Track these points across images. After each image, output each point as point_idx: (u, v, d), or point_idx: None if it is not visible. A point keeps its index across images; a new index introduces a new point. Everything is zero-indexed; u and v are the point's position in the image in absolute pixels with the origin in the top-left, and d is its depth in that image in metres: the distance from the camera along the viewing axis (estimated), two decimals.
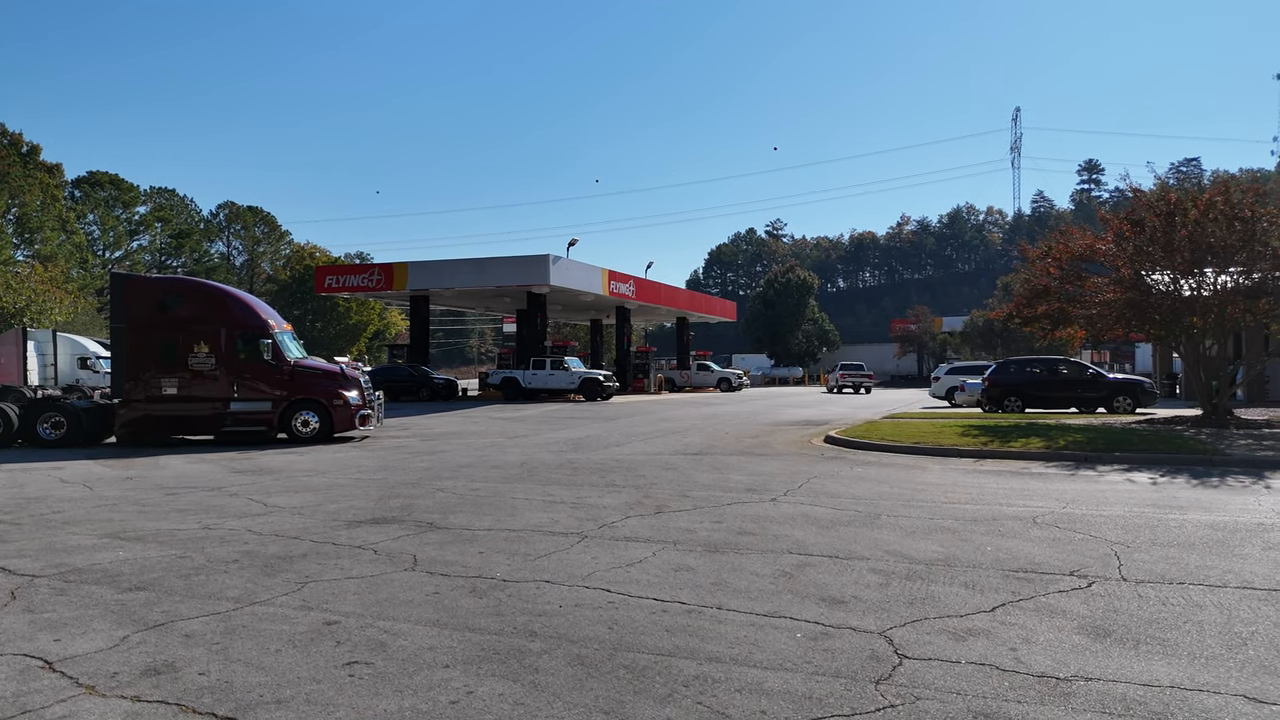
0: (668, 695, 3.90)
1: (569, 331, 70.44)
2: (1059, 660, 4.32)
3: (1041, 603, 5.38)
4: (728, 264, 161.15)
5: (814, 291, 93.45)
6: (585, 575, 6.12)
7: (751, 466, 12.83)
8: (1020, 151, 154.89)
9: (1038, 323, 21.21)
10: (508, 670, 4.23)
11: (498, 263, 39.21)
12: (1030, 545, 7.11)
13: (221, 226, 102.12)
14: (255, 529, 8.01)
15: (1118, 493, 10.13)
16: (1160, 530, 7.73)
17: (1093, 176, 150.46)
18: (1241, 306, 17.81)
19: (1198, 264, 18.02)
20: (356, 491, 10.42)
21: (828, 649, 4.52)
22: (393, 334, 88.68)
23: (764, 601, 5.43)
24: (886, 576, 6.07)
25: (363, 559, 6.72)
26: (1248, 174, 28.78)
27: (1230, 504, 9.24)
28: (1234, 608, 5.24)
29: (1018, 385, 25.47)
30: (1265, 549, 6.93)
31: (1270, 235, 17.36)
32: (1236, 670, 4.16)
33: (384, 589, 5.80)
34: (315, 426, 17.38)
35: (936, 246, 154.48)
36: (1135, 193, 19.93)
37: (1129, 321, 19.54)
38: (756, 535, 7.57)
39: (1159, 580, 5.92)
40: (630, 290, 44.38)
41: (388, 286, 40.19)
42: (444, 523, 8.26)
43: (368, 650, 4.55)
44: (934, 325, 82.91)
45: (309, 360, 18.58)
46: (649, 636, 4.74)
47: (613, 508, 9.06)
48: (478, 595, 5.62)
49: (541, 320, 40.62)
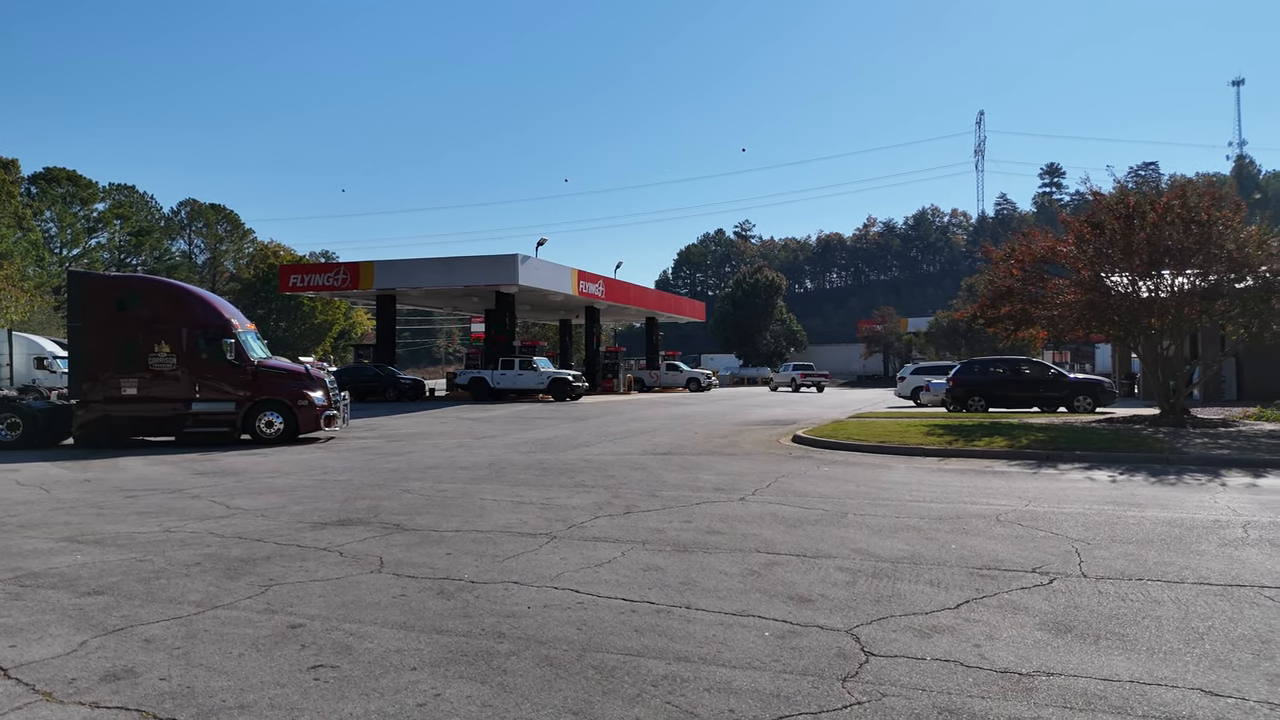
0: (636, 695, 3.90)
1: (538, 331, 70.21)
2: (1022, 656, 4.39)
3: (1005, 599, 5.46)
4: (697, 264, 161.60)
5: (782, 292, 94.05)
6: (554, 576, 6.11)
7: (720, 466, 12.87)
8: (984, 155, 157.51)
9: (1001, 323, 21.52)
10: (475, 672, 4.21)
11: (466, 262, 38.97)
12: (994, 543, 7.21)
13: (183, 224, 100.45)
14: (218, 531, 7.89)
15: (1078, 491, 10.31)
16: (1119, 527, 7.88)
17: (1054, 180, 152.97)
18: (1198, 308, 18.21)
19: (1155, 266, 18.40)
20: (322, 493, 10.29)
21: (795, 647, 4.55)
22: (359, 334, 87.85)
23: (732, 600, 5.46)
24: (853, 575, 6.13)
25: (328, 561, 6.64)
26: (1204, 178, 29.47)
27: (1187, 501, 9.44)
28: (1191, 603, 5.35)
29: (981, 385, 25.84)
30: (1221, 545, 7.09)
31: (1225, 238, 17.76)
32: (1193, 664, 4.26)
33: (350, 591, 5.74)
34: (280, 427, 17.15)
35: (902, 248, 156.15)
36: (1095, 196, 20.31)
37: (1089, 322, 19.90)
38: (725, 534, 7.60)
39: (1118, 577, 6.04)
40: (599, 290, 44.34)
41: (353, 286, 39.77)
42: (411, 524, 8.19)
43: (333, 653, 4.49)
44: (900, 326, 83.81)
45: (273, 360, 18.33)
46: (618, 637, 4.74)
47: (582, 508, 9.04)
48: (445, 597, 5.58)
49: (510, 320, 40.44)
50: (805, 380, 55.06)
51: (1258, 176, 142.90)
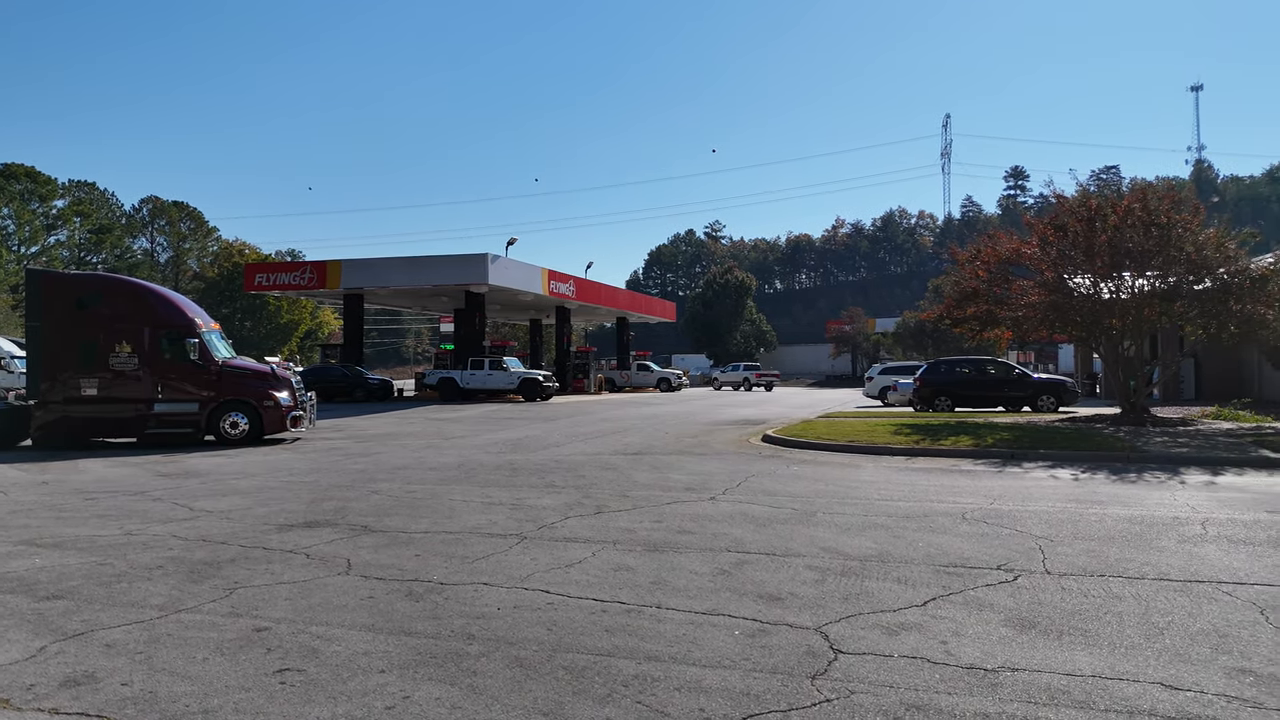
0: (607, 695, 3.90)
1: (508, 331, 69.94)
2: (987, 652, 4.45)
3: (970, 596, 5.53)
4: (667, 265, 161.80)
5: (752, 292, 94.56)
6: (524, 577, 6.09)
7: (691, 466, 12.91)
8: (950, 157, 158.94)
9: (967, 324, 21.80)
10: (445, 674, 4.18)
11: (435, 261, 38.69)
12: (960, 541, 7.30)
13: (145, 222, 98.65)
14: (180, 534, 7.76)
15: (1042, 489, 10.47)
16: (1082, 525, 8.02)
17: (1018, 183, 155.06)
18: (1157, 309, 18.58)
19: (1117, 268, 18.75)
20: (288, 494, 10.17)
21: (765, 646, 4.57)
22: (326, 333, 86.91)
23: (703, 600, 5.47)
24: (822, 573, 6.17)
25: (294, 563, 6.56)
26: (1164, 182, 30.12)
27: (1147, 499, 9.63)
28: (1151, 599, 5.46)
29: (948, 385, 26.16)
30: (1180, 542, 7.24)
31: (1184, 241, 18.14)
32: (1154, 659, 4.34)
33: (317, 594, 5.67)
34: (244, 428, 16.92)
35: (870, 249, 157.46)
36: (1058, 199, 20.65)
37: (1052, 323, 20.22)
38: (696, 534, 7.62)
39: (1081, 573, 6.14)
40: (570, 290, 44.24)
41: (320, 285, 39.32)
42: (379, 525, 8.12)
43: (300, 657, 4.44)
44: (868, 326, 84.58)
45: (238, 360, 18.08)
46: (588, 637, 4.73)
47: (552, 508, 9.02)
48: (414, 599, 5.54)
49: (480, 320, 40.21)
50: (759, 380, 57.43)
51: (1215, 180, 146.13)
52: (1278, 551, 6.82)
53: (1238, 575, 6.05)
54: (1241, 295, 17.66)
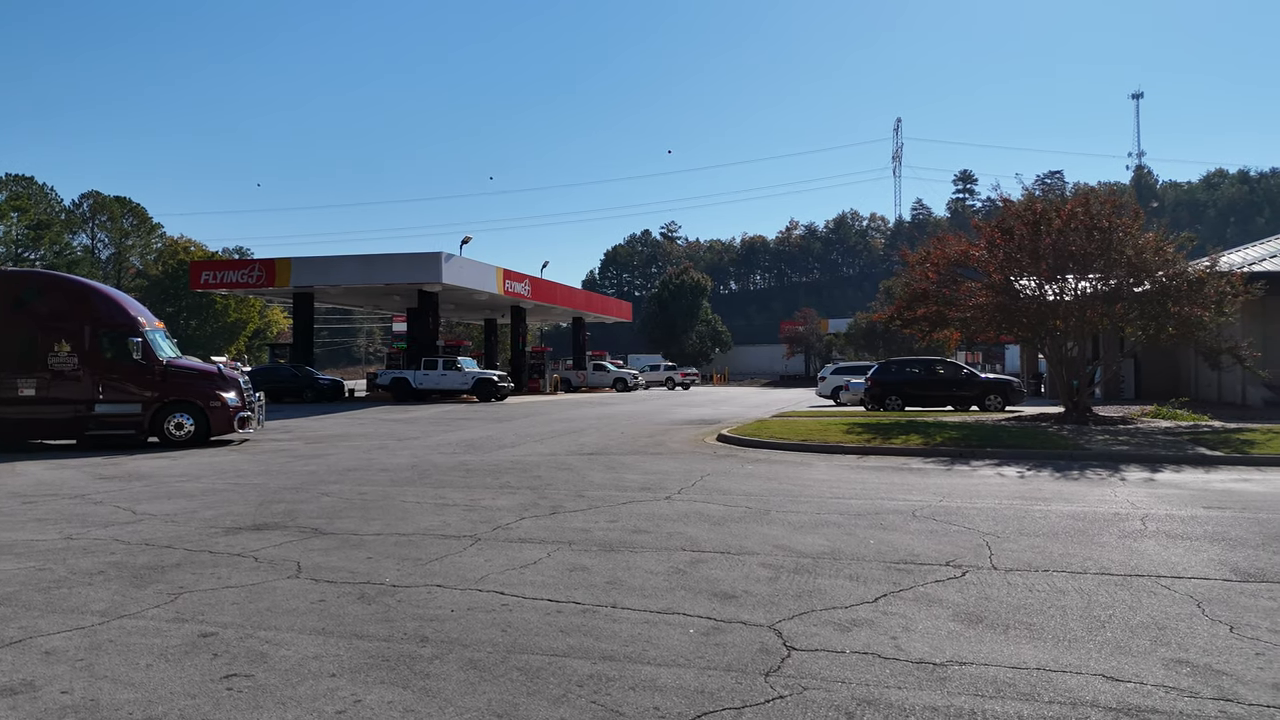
0: (561, 696, 3.89)
1: (463, 331, 69.31)
2: (936, 646, 4.54)
3: (920, 592, 5.63)
4: (624, 265, 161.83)
5: (707, 293, 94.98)
6: (479, 578, 6.04)
7: (646, 465, 12.93)
8: (901, 161, 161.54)
9: (917, 325, 22.17)
10: (397, 677, 4.14)
11: (387, 259, 38.19)
12: (910, 538, 7.42)
13: (85, 218, 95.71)
14: (123, 538, 7.56)
15: (989, 486, 10.70)
16: (1027, 521, 8.21)
17: (967, 186, 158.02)
18: (1099, 310, 19.10)
19: (1060, 270, 19.22)
20: (235, 497, 9.96)
21: (719, 643, 4.60)
22: (274, 333, 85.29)
23: (658, 599, 5.49)
24: (776, 571, 6.23)
25: (242, 567, 6.43)
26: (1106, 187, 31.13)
27: (1089, 495, 9.89)
28: (1093, 593, 5.61)
29: (898, 385, 26.58)
30: (1121, 537, 7.45)
31: (1125, 244, 18.67)
32: (1096, 651, 4.46)
33: (265, 598, 5.57)
34: (190, 429, 16.53)
35: (823, 251, 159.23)
36: (1005, 202, 21.11)
37: (999, 324, 20.66)
38: (651, 533, 7.64)
39: (1026, 568, 6.29)
40: (526, 290, 44.00)
41: (269, 283, 38.56)
42: (330, 528, 8.00)
43: (248, 662, 4.36)
44: (821, 327, 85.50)
45: (183, 360, 17.65)
46: (543, 638, 4.72)
47: (507, 509, 8.97)
48: (366, 601, 5.47)
49: (433, 319, 39.79)
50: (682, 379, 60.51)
51: (1155, 186, 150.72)
52: (1214, 546, 7.06)
53: (1175, 569, 6.25)
54: (1179, 297, 18.22)
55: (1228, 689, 3.92)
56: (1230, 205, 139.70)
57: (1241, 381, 24.09)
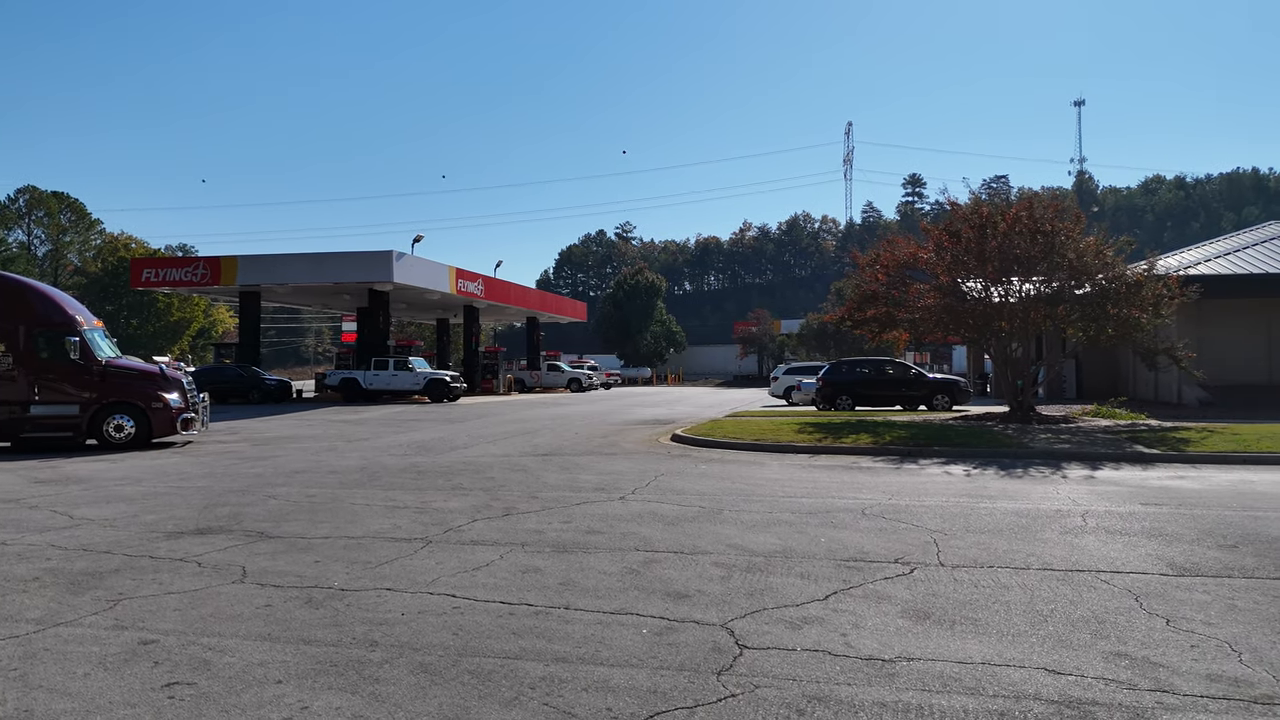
0: (514, 698, 3.87)
1: (414, 331, 68.50)
2: (885, 643, 4.60)
3: (870, 589, 5.71)
4: (578, 265, 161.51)
5: (662, 293, 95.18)
6: (429, 581, 5.98)
7: (601, 466, 12.91)
8: (852, 164, 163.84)
9: (867, 325, 22.49)
10: (346, 682, 4.07)
11: (337, 258, 37.59)
12: (860, 535, 7.53)
13: (20, 213, 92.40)
14: (59, 543, 7.32)
15: (936, 484, 10.89)
16: (973, 518, 8.38)
17: (916, 190, 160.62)
18: (1043, 312, 19.57)
19: (1006, 273, 19.64)
20: (178, 500, 9.71)
21: (672, 643, 4.61)
22: (220, 332, 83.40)
23: (611, 599, 5.49)
24: (728, 570, 6.27)
25: (184, 572, 6.27)
26: (1049, 191, 32.02)
27: (1033, 493, 10.13)
28: (1036, 588, 5.75)
29: (849, 385, 26.95)
30: (1062, 533, 7.64)
31: (1067, 248, 19.15)
32: (1038, 645, 4.57)
33: (209, 604, 5.44)
34: (131, 431, 16.07)
35: (776, 252, 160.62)
36: (953, 206, 21.51)
37: (947, 325, 21.05)
38: (605, 534, 7.63)
39: (972, 565, 6.42)
40: (479, 289, 43.65)
41: (214, 281, 37.69)
42: (276, 531, 7.84)
43: (190, 670, 4.25)
44: (773, 327, 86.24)
45: (124, 360, 17.16)
46: (495, 640, 4.68)
47: (459, 511, 8.88)
48: (313, 606, 5.37)
49: (384, 319, 39.26)
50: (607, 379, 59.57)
51: (1095, 191, 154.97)
52: (1151, 542, 7.28)
53: (1115, 564, 6.43)
54: (1118, 300, 18.75)
55: (1164, 680, 4.05)
56: (1167, 210, 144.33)
57: (1177, 381, 24.88)
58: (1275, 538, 7.35)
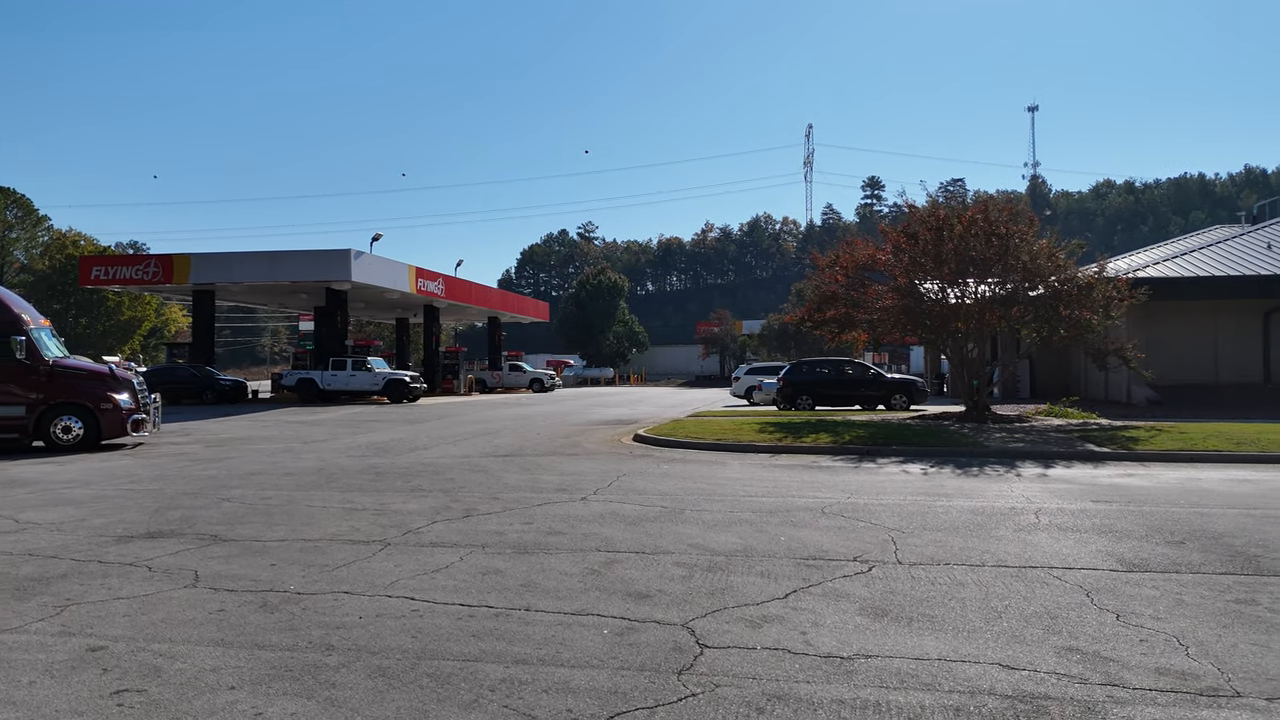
0: (473, 701, 3.84)
1: (373, 330, 67.70)
2: (843, 641, 4.65)
3: (829, 587, 5.76)
4: (540, 264, 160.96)
5: (624, 294, 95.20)
6: (388, 584, 5.91)
7: (562, 467, 12.87)
8: (812, 166, 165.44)
9: (827, 326, 22.70)
10: (301, 688, 4.01)
11: (294, 256, 36.98)
12: (819, 534, 7.59)
13: None
14: (4, 548, 7.11)
15: (894, 483, 11.03)
16: (930, 516, 8.49)
17: (875, 192, 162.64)
18: (998, 313, 19.92)
19: (962, 275, 19.96)
20: (128, 503, 9.49)
21: (633, 643, 4.61)
22: (173, 331, 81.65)
23: (572, 600, 5.47)
24: (690, 569, 6.29)
25: (134, 577, 6.13)
26: (1004, 195, 32.50)
27: (988, 491, 10.31)
28: (990, 584, 5.84)
29: (809, 384, 27.20)
30: (1016, 531, 7.78)
31: (1021, 250, 19.51)
32: (993, 641, 4.65)
33: (160, 609, 5.32)
34: (79, 433, 15.67)
35: (738, 253, 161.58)
36: (910, 209, 21.80)
37: (904, 326, 21.33)
38: (566, 535, 7.61)
39: (929, 562, 6.51)
40: (439, 289, 43.26)
41: (167, 280, 36.87)
42: (230, 535, 7.69)
43: (140, 676, 4.15)
44: (735, 328, 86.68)
45: (72, 360, 16.73)
46: (454, 643, 4.64)
47: (418, 513, 8.80)
48: (269, 610, 5.28)
49: (342, 318, 38.73)
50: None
51: (1049, 195, 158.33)
52: (1101, 538, 7.44)
53: (1066, 561, 6.56)
54: (1070, 301, 19.15)
55: (1114, 675, 4.14)
56: (1117, 214, 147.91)
57: (1127, 381, 25.48)
58: (1220, 534, 7.56)
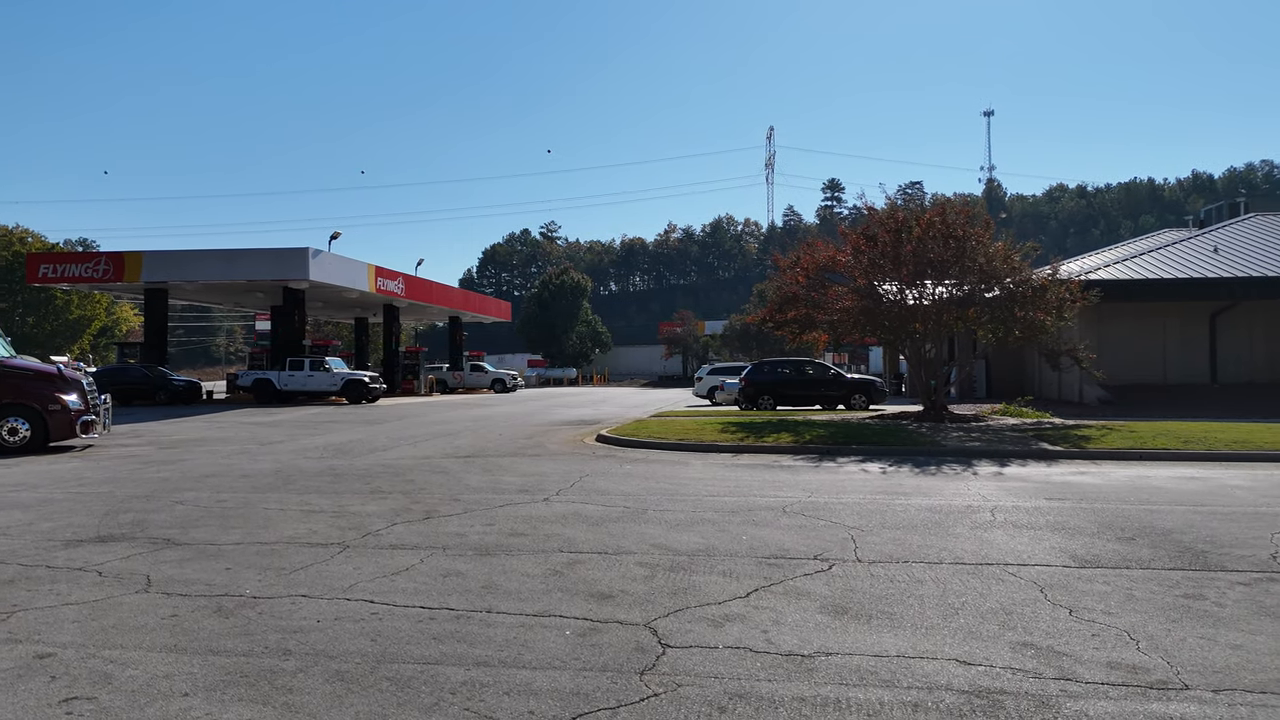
0: (434, 704, 3.80)
1: (331, 330, 66.82)
2: (804, 639, 4.69)
3: (790, 586, 5.81)
4: (503, 264, 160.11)
5: (587, 294, 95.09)
6: (347, 587, 5.83)
7: (525, 467, 12.81)
8: (774, 168, 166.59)
9: (788, 327, 22.89)
10: (258, 694, 3.94)
11: (250, 255, 36.34)
12: (780, 533, 7.65)
13: None
14: None
15: (854, 482, 11.15)
16: (889, 515, 8.60)
17: (835, 194, 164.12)
18: (954, 314, 20.24)
19: (920, 276, 20.24)
20: (78, 507, 9.25)
21: (595, 644, 4.61)
22: (124, 331, 79.82)
23: (534, 601, 5.44)
24: (652, 569, 6.29)
25: (84, 582, 5.98)
26: (960, 198, 33.02)
27: (945, 489, 10.46)
28: (948, 581, 5.93)
29: (770, 385, 27.39)
30: (973, 528, 7.91)
31: (977, 253, 19.84)
32: (950, 637, 4.72)
33: (111, 614, 5.20)
34: (26, 435, 15.24)
35: (700, 254, 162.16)
36: (870, 211, 22.04)
37: (864, 326, 21.58)
38: (528, 536, 7.57)
39: (888, 560, 6.59)
40: (399, 288, 42.81)
41: (118, 278, 36.02)
42: (184, 538, 7.54)
43: (90, 684, 4.05)
44: (698, 328, 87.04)
45: (18, 360, 16.26)
46: (415, 646, 4.60)
47: (378, 515, 8.69)
48: (223, 615, 5.18)
49: (300, 318, 38.16)
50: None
51: (1004, 198, 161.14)
52: (1055, 535, 7.59)
53: (1021, 557, 6.69)
54: (1025, 303, 19.53)
55: (1068, 669, 4.23)
56: (1070, 217, 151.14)
57: (1079, 381, 26.04)
58: (1169, 530, 7.75)
